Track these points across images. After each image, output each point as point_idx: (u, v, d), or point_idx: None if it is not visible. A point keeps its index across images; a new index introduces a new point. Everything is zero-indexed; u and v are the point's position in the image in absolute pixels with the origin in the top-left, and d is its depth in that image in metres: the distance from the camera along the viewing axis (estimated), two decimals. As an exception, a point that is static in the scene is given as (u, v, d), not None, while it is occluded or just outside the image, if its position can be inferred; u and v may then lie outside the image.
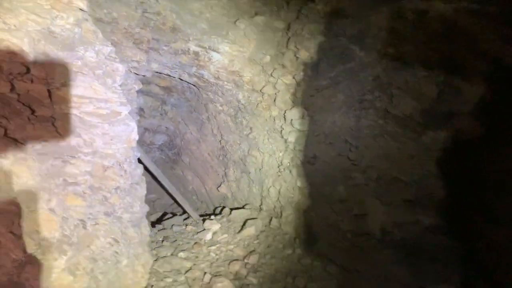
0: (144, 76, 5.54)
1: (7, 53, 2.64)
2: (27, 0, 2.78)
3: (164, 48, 5.63)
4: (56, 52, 2.86)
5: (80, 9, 3.10)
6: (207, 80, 6.08)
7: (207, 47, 5.77)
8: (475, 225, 3.70)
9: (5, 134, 2.65)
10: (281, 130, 5.04)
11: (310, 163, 4.60)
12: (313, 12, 5.03)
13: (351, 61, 4.36)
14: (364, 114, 4.20)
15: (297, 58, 4.97)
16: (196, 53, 5.79)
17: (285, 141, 4.98)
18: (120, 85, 3.27)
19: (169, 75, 6.45)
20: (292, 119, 4.81)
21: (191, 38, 5.78)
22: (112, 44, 3.36)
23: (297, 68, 4.95)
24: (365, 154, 4.12)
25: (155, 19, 5.59)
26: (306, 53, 4.83)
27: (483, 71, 3.47)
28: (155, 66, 5.66)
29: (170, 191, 6.21)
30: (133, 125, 3.19)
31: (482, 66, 3.52)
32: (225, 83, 5.97)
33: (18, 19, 2.69)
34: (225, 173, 6.45)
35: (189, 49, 5.75)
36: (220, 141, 6.53)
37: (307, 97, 4.73)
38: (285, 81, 5.12)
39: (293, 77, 5.00)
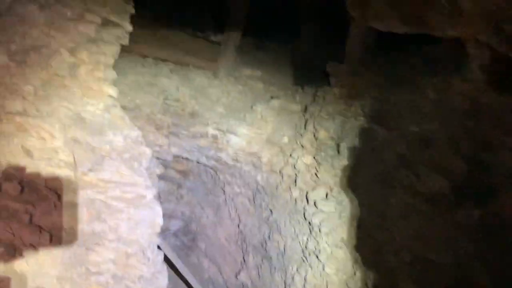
0: (164, 160, 5.55)
1: (39, 139, 2.65)
2: (60, 88, 2.86)
3: (184, 132, 5.72)
4: (85, 137, 2.87)
5: (110, 96, 3.19)
6: (225, 162, 6.07)
7: (225, 130, 5.85)
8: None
9: (30, 221, 2.56)
10: (304, 212, 4.88)
11: (337, 247, 4.38)
12: (330, 94, 5.15)
13: (373, 140, 4.34)
14: (391, 193, 4.07)
15: (316, 138, 4.98)
16: (215, 136, 5.86)
17: (309, 223, 4.80)
18: (146, 169, 3.24)
19: (187, 158, 6.47)
20: (315, 200, 4.68)
21: (209, 122, 5.89)
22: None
23: (317, 148, 4.93)
24: (396, 235, 3.92)
25: (175, 105, 5.75)
26: (326, 134, 4.84)
27: (512, 147, 3.42)
28: (174, 150, 5.69)
29: (189, 280, 5.91)
30: (158, 209, 3.10)
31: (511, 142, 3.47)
32: (243, 164, 5.95)
33: (51, 106, 2.75)
34: (244, 259, 6.16)
35: (207, 132, 5.83)
36: (238, 224, 6.34)
37: (330, 177, 4.65)
38: (305, 162, 5.07)
39: (314, 157, 4.97)
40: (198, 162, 6.53)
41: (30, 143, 2.62)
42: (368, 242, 4.17)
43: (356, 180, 4.43)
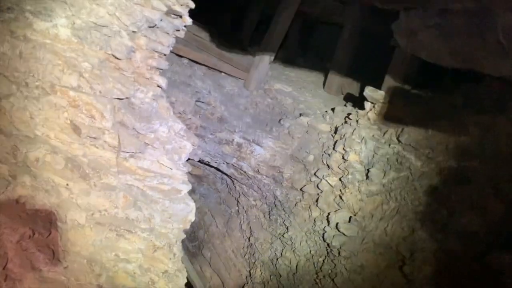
0: (189, 160, 5.49)
1: (89, 117, 2.60)
2: (115, 70, 2.83)
3: (210, 136, 5.68)
4: (133, 123, 2.82)
5: (158, 86, 3.16)
6: (245, 172, 6.01)
7: (251, 140, 5.82)
8: None
9: (69, 197, 2.50)
10: (323, 233, 4.79)
11: (356, 272, 4.27)
12: (363, 118, 5.10)
13: (406, 169, 4.27)
14: (419, 226, 3.99)
15: (344, 160, 4.92)
16: (240, 145, 5.82)
17: (328, 245, 4.70)
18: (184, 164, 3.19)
19: (206, 163, 6.42)
20: (337, 223, 4.59)
21: (236, 130, 5.86)
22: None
23: (345, 170, 4.87)
24: (423, 269, 3.81)
25: (205, 108, 5.74)
26: (356, 157, 4.78)
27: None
28: (198, 152, 5.64)
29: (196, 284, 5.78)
30: (192, 205, 3.03)
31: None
32: (264, 177, 5.88)
33: (104, 86, 2.71)
34: (250, 273, 6.03)
35: (233, 139, 5.80)
36: (248, 238, 6.23)
37: (356, 201, 4.57)
38: (329, 182, 5.01)
39: (340, 179, 4.90)
40: (217, 169, 6.47)
41: (80, 119, 2.57)
42: (389, 272, 4.06)
43: (383, 207, 4.35)
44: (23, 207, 2.36)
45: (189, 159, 5.32)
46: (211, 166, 6.47)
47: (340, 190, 4.85)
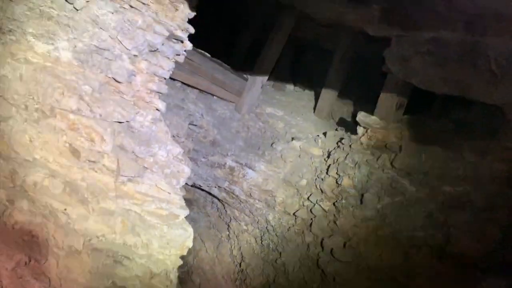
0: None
1: (88, 140, 2.57)
2: (115, 94, 2.81)
3: (202, 159, 5.65)
4: (132, 146, 2.79)
5: (157, 109, 3.14)
6: (237, 196, 5.96)
7: (243, 164, 5.79)
8: None
9: (66, 222, 2.43)
10: (318, 259, 4.74)
11: (352, 299, 4.22)
12: (356, 143, 5.14)
13: (400, 195, 4.29)
14: (415, 252, 3.98)
15: (338, 185, 4.93)
16: (232, 168, 5.79)
17: (322, 271, 4.64)
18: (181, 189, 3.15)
19: (197, 187, 6.35)
20: (332, 248, 4.55)
21: (229, 154, 5.84)
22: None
23: (338, 195, 4.87)
24: (419, 296, 3.79)
25: (198, 131, 5.72)
26: (350, 182, 4.79)
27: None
28: (192, 176, 5.57)
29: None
30: (190, 230, 2.98)
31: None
32: (256, 201, 5.84)
33: (105, 109, 2.69)
34: (241, 300, 5.90)
35: (225, 163, 5.77)
36: (239, 263, 6.13)
37: (350, 227, 4.55)
38: (323, 207, 4.99)
39: (333, 204, 4.89)
40: (208, 192, 6.41)
41: (79, 143, 2.53)
42: (386, 299, 4.02)
43: (378, 233, 4.34)
44: (19, 233, 2.29)
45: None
46: (202, 190, 6.41)
47: (334, 215, 4.83)
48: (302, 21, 6.10)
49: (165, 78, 3.12)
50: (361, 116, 4.99)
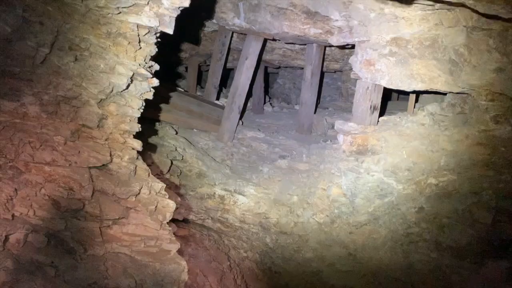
0: (174, 220, 5.38)
1: (67, 189, 2.56)
2: (88, 139, 2.83)
3: (191, 193, 5.63)
4: (113, 188, 2.79)
5: (133, 149, 3.15)
6: (231, 224, 5.92)
7: (233, 190, 5.79)
8: None
9: (55, 275, 2.39)
10: (320, 274, 4.69)
11: (360, 307, 4.17)
12: (339, 152, 5.19)
13: (389, 195, 4.32)
14: (413, 248, 3.98)
15: (328, 196, 4.94)
16: (222, 197, 5.77)
17: (325, 285, 4.59)
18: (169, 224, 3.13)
19: (191, 222, 6.30)
20: (332, 260, 4.52)
21: (216, 183, 5.84)
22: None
23: (330, 206, 4.87)
24: (424, 292, 3.77)
25: (182, 166, 5.72)
26: (339, 190, 4.82)
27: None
28: (181, 211, 5.55)
29: None
30: (184, 264, 2.95)
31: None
32: (251, 226, 5.80)
33: (79, 157, 2.70)
34: (252, 328, 5.77)
35: (215, 193, 5.76)
36: (245, 291, 6.02)
37: (346, 235, 4.54)
38: (317, 220, 4.99)
39: (327, 216, 4.89)
40: (203, 226, 6.35)
41: (58, 193, 2.52)
42: (393, 302, 3.99)
43: (373, 236, 4.34)
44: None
45: (173, 219, 5.22)
46: (196, 224, 6.35)
47: (329, 226, 4.83)
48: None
49: (136, 117, 3.14)
50: (339, 124, 5.06)
